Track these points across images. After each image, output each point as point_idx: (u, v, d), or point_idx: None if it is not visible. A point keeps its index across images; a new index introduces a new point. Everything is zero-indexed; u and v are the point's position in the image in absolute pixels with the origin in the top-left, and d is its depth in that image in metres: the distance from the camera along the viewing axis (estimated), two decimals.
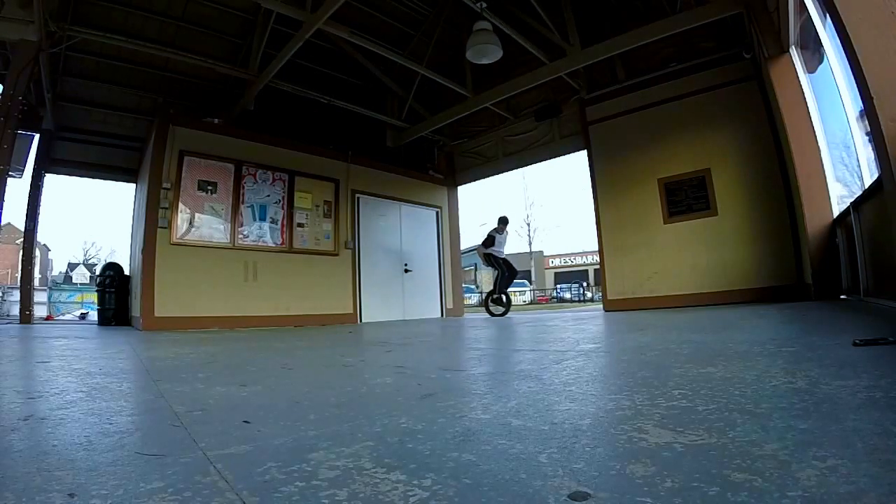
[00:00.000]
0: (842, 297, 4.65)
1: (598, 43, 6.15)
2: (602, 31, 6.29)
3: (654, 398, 1.10)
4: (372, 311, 7.93)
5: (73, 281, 38.99)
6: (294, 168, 7.33)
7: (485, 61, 6.19)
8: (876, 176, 3.18)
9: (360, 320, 7.72)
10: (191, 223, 6.23)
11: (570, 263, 41.05)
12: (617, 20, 6.54)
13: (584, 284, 33.30)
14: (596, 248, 7.43)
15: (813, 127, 4.81)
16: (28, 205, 7.34)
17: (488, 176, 9.40)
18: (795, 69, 4.88)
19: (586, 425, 0.92)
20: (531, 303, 30.58)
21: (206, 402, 1.32)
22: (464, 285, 11.43)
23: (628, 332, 3.05)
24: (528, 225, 38.33)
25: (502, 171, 9.19)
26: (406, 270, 8.69)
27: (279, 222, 7.09)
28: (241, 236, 6.66)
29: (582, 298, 29.40)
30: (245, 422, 1.06)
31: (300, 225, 7.31)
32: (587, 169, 7.47)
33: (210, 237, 6.37)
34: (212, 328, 5.83)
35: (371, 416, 1.09)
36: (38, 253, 13.96)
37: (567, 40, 6.31)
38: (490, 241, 7.56)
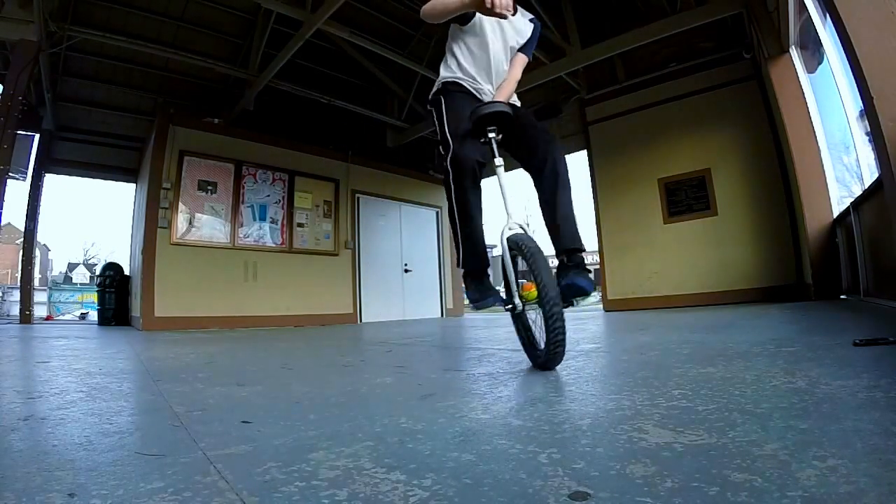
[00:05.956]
0: (842, 297, 4.65)
1: (598, 43, 6.14)
2: (602, 31, 6.29)
3: (654, 398, 1.10)
4: (372, 311, 7.92)
5: (73, 281, 38.96)
6: (294, 168, 7.33)
7: None
8: (876, 176, 3.19)
9: (360, 320, 7.72)
10: (191, 223, 6.23)
11: None
12: (617, 20, 6.54)
13: None
14: (596, 248, 7.42)
15: (813, 127, 4.81)
16: (28, 205, 7.34)
17: (488, 176, 9.38)
18: (795, 69, 4.88)
19: (586, 425, 0.92)
20: None
21: (206, 402, 1.32)
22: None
23: (628, 332, 3.05)
24: (528, 225, 38.57)
25: None
26: (406, 270, 8.69)
27: (279, 222, 7.09)
28: (241, 236, 6.66)
29: None
30: (245, 422, 1.06)
31: (300, 225, 7.32)
32: (587, 169, 7.47)
33: (210, 237, 6.37)
34: (212, 328, 5.83)
35: (371, 416, 1.09)
36: (38, 253, 13.96)
37: (567, 40, 6.30)
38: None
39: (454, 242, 1.99)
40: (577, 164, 7.92)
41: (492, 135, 1.86)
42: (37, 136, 7.20)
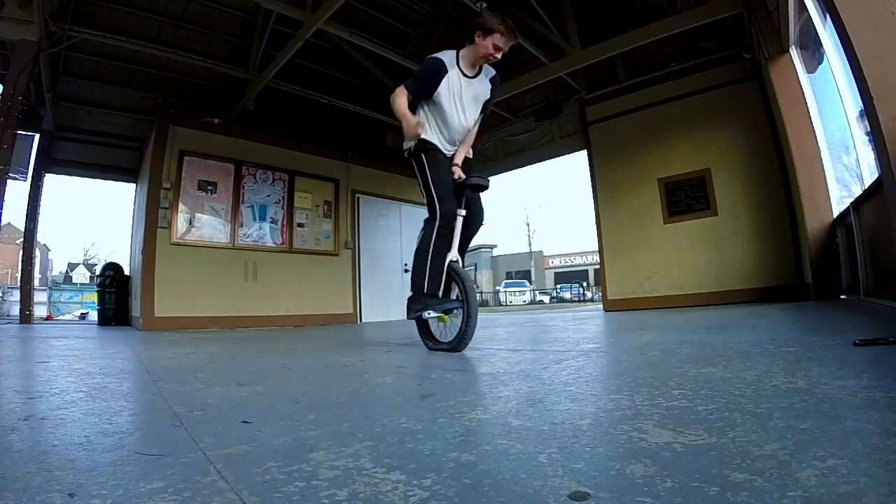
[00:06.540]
0: (842, 297, 4.65)
1: (598, 43, 6.14)
2: (602, 31, 6.28)
3: (654, 398, 1.10)
4: (372, 311, 7.92)
5: (74, 281, 38.97)
6: (294, 168, 7.34)
7: None
8: (876, 176, 3.19)
9: (360, 320, 7.73)
10: (191, 223, 6.23)
11: (569, 263, 41.08)
12: (617, 20, 6.53)
13: (584, 284, 33.33)
14: (596, 248, 7.43)
15: (813, 127, 4.81)
16: (28, 205, 7.35)
17: (488, 176, 9.39)
18: (795, 69, 4.88)
19: (586, 425, 0.92)
20: (531, 302, 30.62)
21: (206, 402, 1.32)
22: None
23: (628, 332, 3.05)
24: (528, 225, 38.93)
25: (502, 172, 9.17)
26: (406, 270, 8.68)
27: (279, 222, 7.09)
28: (241, 236, 6.66)
29: (582, 298, 29.43)
30: (245, 422, 1.06)
31: (300, 225, 7.32)
32: (587, 169, 7.47)
33: (210, 237, 6.37)
34: (212, 328, 5.83)
35: (371, 416, 1.09)
36: (38, 253, 13.96)
37: (567, 40, 6.30)
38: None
39: (415, 275, 2.61)
40: (578, 165, 7.93)
41: (467, 193, 2.65)
42: (37, 136, 7.20)
